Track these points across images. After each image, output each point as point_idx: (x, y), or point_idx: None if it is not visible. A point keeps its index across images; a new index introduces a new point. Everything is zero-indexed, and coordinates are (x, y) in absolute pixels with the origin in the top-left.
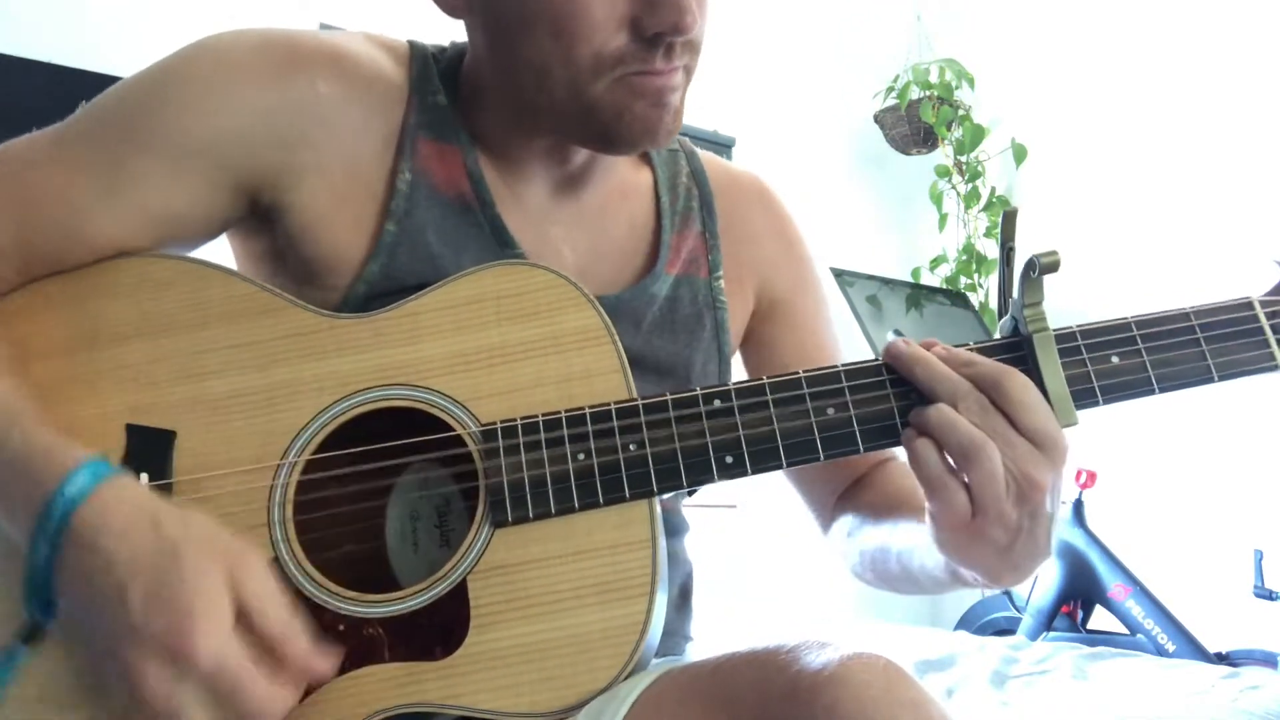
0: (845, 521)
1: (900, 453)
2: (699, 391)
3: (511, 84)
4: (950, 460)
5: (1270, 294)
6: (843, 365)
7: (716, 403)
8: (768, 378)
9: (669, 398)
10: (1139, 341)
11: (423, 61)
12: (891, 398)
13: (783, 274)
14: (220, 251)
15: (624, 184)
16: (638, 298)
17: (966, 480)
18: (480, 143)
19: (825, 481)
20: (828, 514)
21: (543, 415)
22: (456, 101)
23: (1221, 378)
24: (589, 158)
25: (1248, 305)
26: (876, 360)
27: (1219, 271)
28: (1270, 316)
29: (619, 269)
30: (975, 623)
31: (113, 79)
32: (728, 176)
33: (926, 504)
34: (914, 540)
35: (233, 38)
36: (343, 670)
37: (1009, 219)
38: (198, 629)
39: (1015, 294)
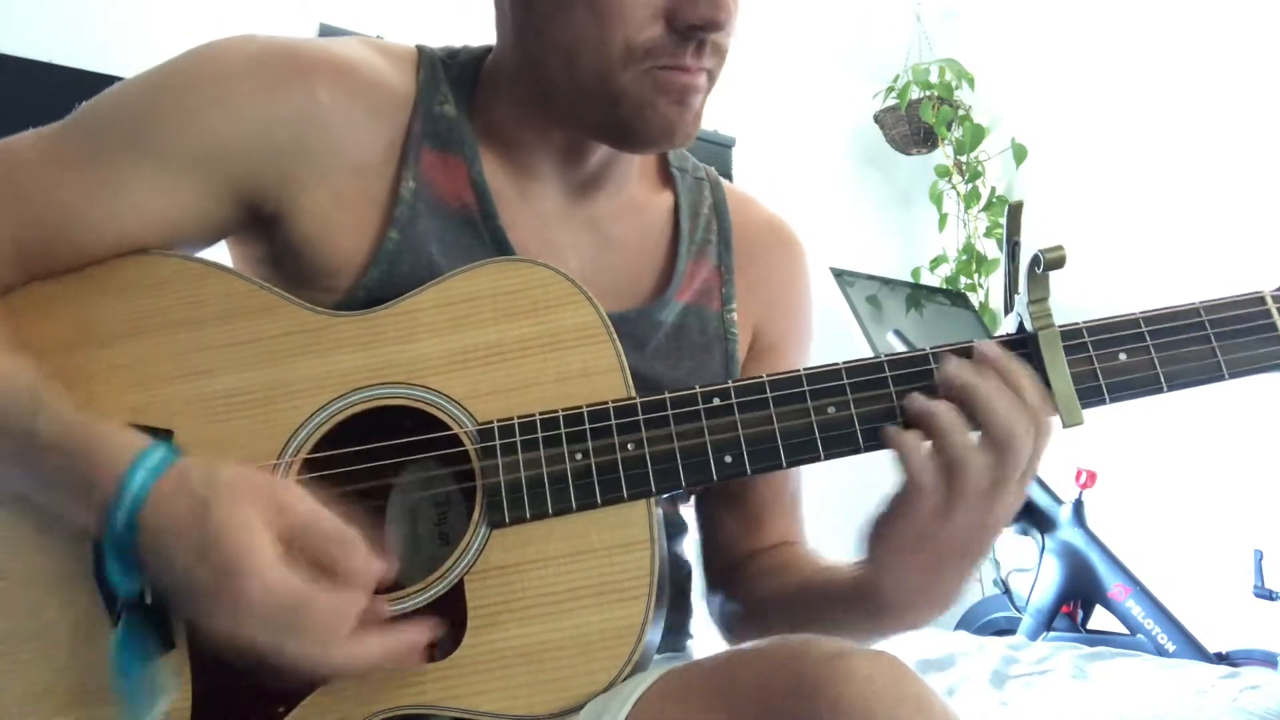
0: (751, 568)
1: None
2: (698, 390)
3: (537, 69)
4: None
5: None
6: (844, 363)
7: (716, 401)
8: (768, 376)
9: (667, 397)
10: (1147, 338)
11: (431, 68)
12: (893, 396)
13: (782, 322)
14: (218, 253)
15: (639, 200)
16: (643, 320)
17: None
18: (492, 143)
19: (737, 536)
20: (725, 565)
21: (540, 414)
22: (471, 103)
23: (1233, 375)
24: (603, 162)
25: (1259, 300)
26: (878, 358)
27: (1222, 269)
28: None
29: (625, 284)
30: (975, 623)
31: (113, 79)
32: (752, 215)
33: (900, 485)
34: (835, 573)
35: (233, 46)
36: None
37: (1014, 212)
38: (239, 564)
39: (1021, 290)
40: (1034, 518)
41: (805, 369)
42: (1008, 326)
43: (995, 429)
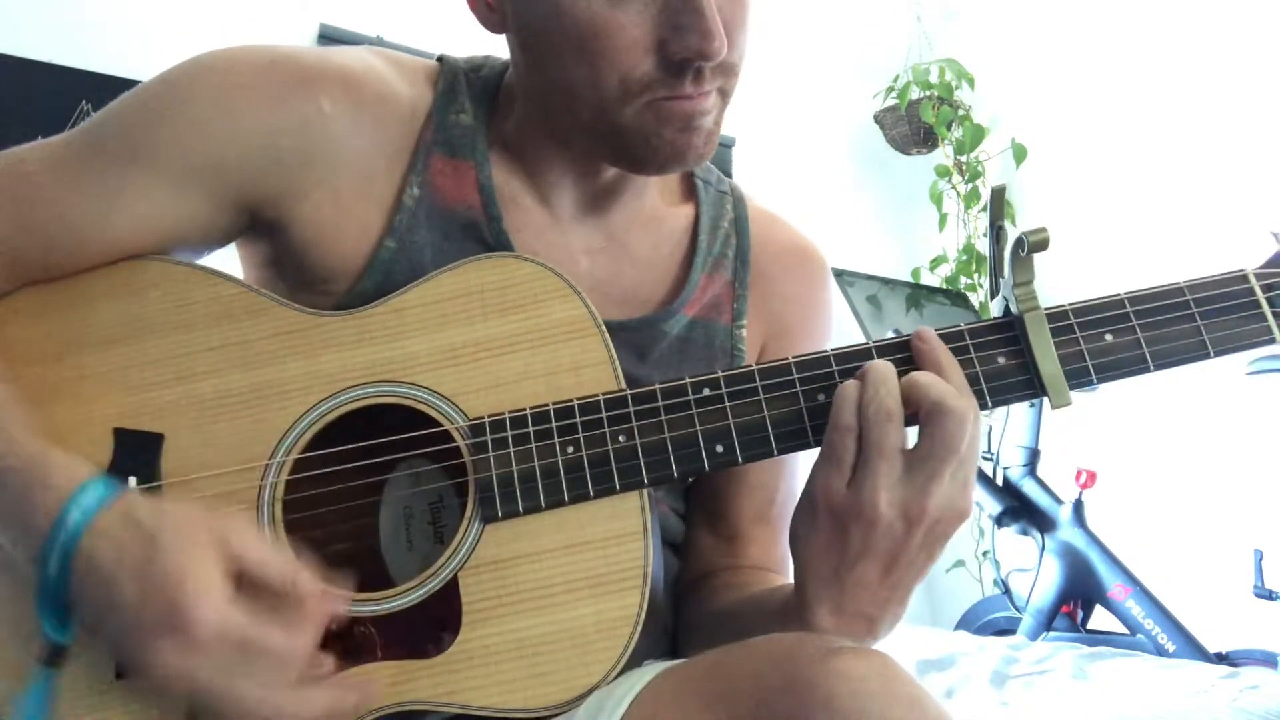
0: (717, 583)
1: None
2: (688, 381)
3: (542, 103)
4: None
5: (1265, 266)
6: (832, 350)
7: (706, 391)
8: (757, 365)
9: (657, 388)
10: (1133, 319)
11: (452, 78)
12: None
13: (789, 343)
14: (225, 252)
15: (658, 210)
16: (647, 329)
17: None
18: (507, 152)
19: (712, 550)
20: (695, 578)
21: (530, 408)
22: (491, 114)
23: (1218, 353)
24: (618, 175)
25: (1243, 278)
26: (866, 344)
27: (1221, 268)
28: (1266, 290)
29: (635, 293)
30: (975, 623)
31: (112, 79)
32: (775, 235)
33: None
34: (777, 588)
35: (237, 56)
36: (335, 670)
37: (997, 196)
38: (190, 603)
39: (1005, 274)
40: (1034, 518)
41: (794, 357)
42: (994, 311)
43: (925, 401)
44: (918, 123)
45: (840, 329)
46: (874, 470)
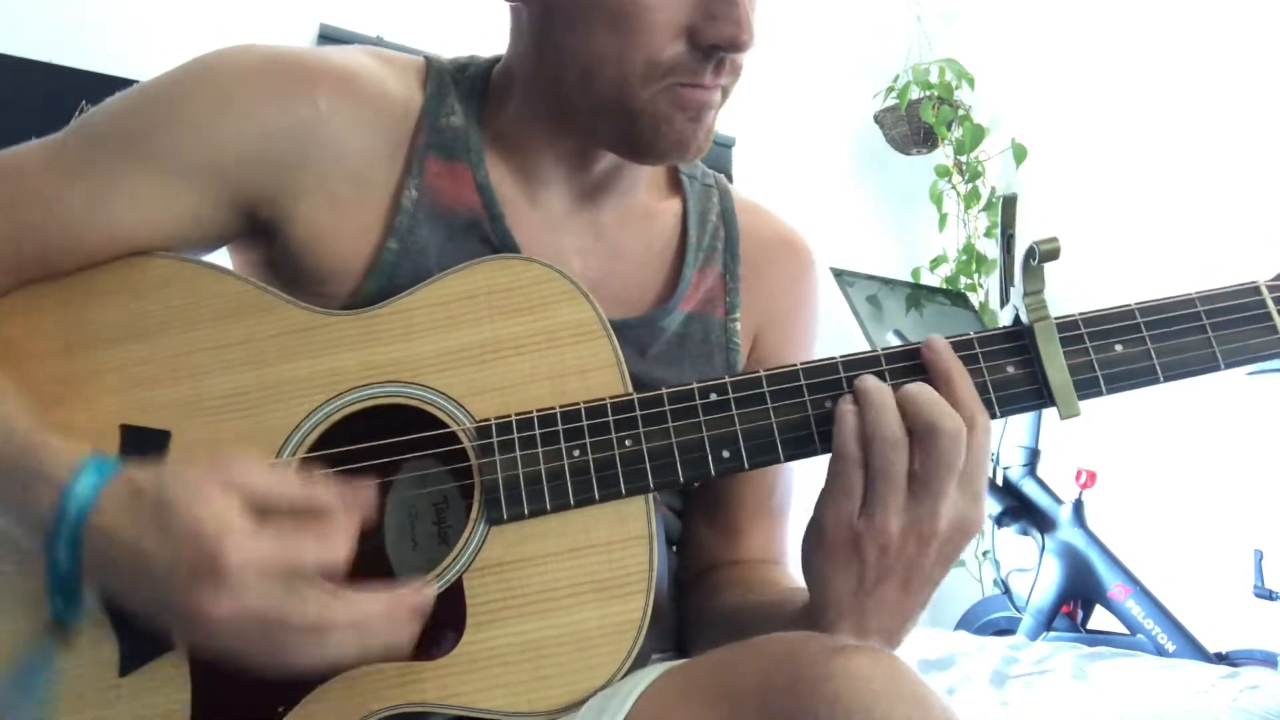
0: (719, 579)
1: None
2: (695, 386)
3: (552, 81)
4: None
5: (1278, 278)
6: (840, 357)
7: (713, 397)
8: (764, 371)
9: (664, 393)
10: (1143, 329)
11: (439, 81)
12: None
13: (784, 334)
14: (219, 257)
15: (647, 206)
16: (645, 327)
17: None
18: (499, 150)
19: (713, 546)
20: (696, 573)
21: (537, 411)
22: (480, 111)
23: (1228, 365)
24: (611, 168)
25: (1254, 290)
26: (873, 351)
27: (1221, 265)
28: (1278, 302)
29: (630, 291)
30: (975, 623)
31: (112, 79)
32: (761, 225)
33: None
34: (791, 593)
35: (235, 56)
36: (338, 671)
37: (1008, 205)
38: (216, 546)
39: (1016, 283)
40: (1034, 518)
41: (802, 363)
42: (1004, 319)
43: (917, 422)
44: (918, 123)
45: (840, 329)
46: (884, 499)
